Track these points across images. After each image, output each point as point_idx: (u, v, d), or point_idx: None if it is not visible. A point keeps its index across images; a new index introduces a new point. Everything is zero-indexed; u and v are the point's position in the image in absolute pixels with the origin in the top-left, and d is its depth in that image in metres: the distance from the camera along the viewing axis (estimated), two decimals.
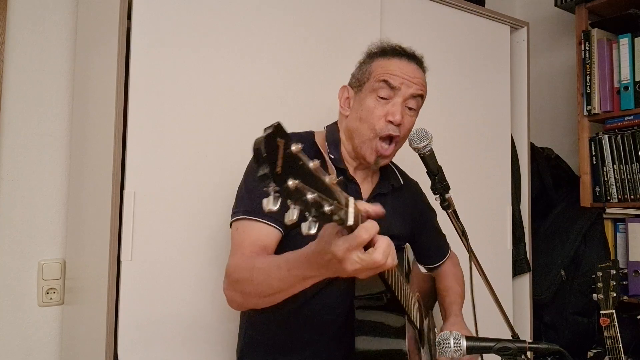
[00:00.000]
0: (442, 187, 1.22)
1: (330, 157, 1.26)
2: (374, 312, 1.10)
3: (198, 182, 1.43)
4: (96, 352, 1.31)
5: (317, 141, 1.28)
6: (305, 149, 1.22)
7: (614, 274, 1.69)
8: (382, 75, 1.22)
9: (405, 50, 1.28)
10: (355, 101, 1.27)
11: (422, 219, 1.45)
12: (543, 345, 1.03)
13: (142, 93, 1.36)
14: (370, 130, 1.22)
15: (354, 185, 1.28)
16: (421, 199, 1.48)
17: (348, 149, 1.28)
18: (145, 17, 1.37)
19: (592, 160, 2.22)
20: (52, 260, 1.58)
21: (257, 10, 1.54)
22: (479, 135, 2.05)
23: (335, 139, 1.29)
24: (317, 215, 0.66)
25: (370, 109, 1.22)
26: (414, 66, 1.26)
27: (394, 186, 1.35)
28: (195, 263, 1.42)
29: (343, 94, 1.31)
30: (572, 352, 1.06)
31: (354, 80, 1.30)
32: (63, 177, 1.61)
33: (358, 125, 1.24)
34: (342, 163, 1.27)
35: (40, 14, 1.60)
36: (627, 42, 2.13)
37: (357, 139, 1.24)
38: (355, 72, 1.31)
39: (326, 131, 1.32)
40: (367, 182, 1.32)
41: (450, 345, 1.00)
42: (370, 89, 1.24)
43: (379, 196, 1.31)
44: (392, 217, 1.33)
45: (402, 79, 1.22)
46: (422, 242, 1.46)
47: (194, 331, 1.42)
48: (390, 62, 1.24)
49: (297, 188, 0.62)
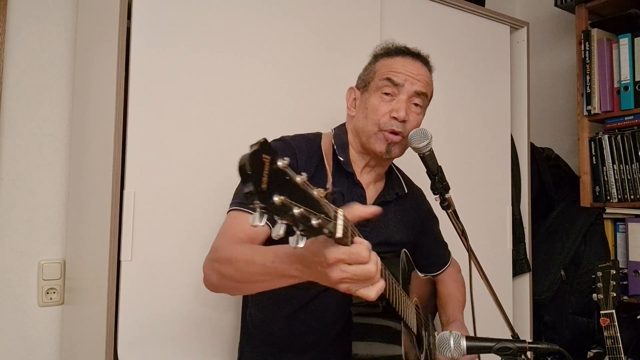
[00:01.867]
0: (442, 187, 1.22)
1: (340, 159, 1.26)
2: (370, 318, 1.10)
3: (198, 182, 1.42)
4: (96, 352, 1.31)
5: (322, 145, 1.28)
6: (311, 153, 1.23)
7: (614, 274, 1.68)
8: (386, 73, 1.23)
9: (410, 49, 1.29)
10: (361, 101, 1.28)
11: (423, 228, 1.45)
12: (543, 345, 1.03)
13: (142, 93, 1.36)
14: (375, 125, 1.23)
15: (359, 189, 1.27)
16: (424, 207, 1.47)
17: (357, 148, 1.29)
18: (145, 17, 1.37)
19: (592, 160, 2.22)
20: (52, 260, 1.58)
21: (257, 10, 1.54)
22: (479, 135, 2.05)
23: (343, 142, 1.29)
24: (304, 229, 0.67)
25: (374, 106, 1.23)
26: (418, 64, 1.27)
27: (398, 194, 1.35)
28: (195, 263, 1.41)
29: (350, 95, 1.32)
30: (572, 352, 1.06)
31: (360, 81, 1.31)
32: (63, 177, 1.61)
33: (364, 123, 1.25)
34: (350, 166, 1.27)
35: (40, 13, 1.60)
36: (627, 42, 2.13)
37: (364, 136, 1.25)
38: (362, 74, 1.33)
39: (334, 133, 1.32)
40: (372, 188, 1.32)
41: (450, 345, 1.00)
42: (374, 87, 1.25)
43: (383, 204, 1.31)
44: (394, 225, 1.33)
45: (405, 75, 1.23)
46: (423, 251, 1.46)
47: (194, 331, 1.42)
48: (394, 60, 1.26)
49: (283, 203, 0.63)
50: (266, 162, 0.62)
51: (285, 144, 1.23)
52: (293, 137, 1.27)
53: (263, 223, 0.63)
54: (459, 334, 1.01)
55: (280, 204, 0.63)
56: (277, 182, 0.63)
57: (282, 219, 0.65)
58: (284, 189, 0.64)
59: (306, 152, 1.24)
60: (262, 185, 0.61)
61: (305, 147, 1.25)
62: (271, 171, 0.63)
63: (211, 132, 1.45)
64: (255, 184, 0.61)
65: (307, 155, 1.23)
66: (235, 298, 1.43)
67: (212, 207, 1.43)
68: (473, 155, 2.03)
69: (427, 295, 1.43)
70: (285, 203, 0.63)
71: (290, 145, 1.23)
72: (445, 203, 1.23)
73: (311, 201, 0.69)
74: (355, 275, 0.80)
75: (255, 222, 0.63)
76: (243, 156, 0.61)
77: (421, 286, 1.39)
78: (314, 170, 1.23)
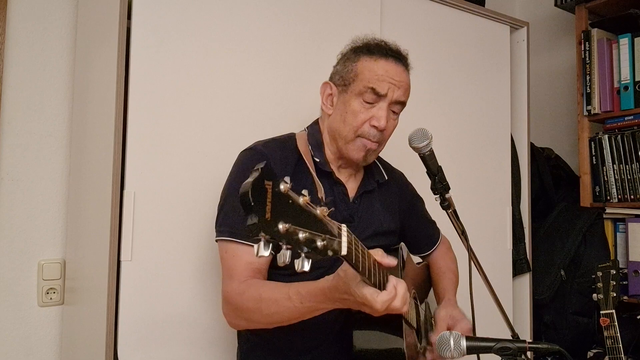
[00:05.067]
0: (442, 187, 1.22)
1: (315, 160, 1.24)
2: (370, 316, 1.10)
3: (198, 182, 1.42)
4: (96, 352, 1.31)
5: (298, 145, 1.26)
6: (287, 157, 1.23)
7: (614, 274, 1.69)
8: (370, 82, 1.19)
9: (392, 49, 1.24)
10: (339, 100, 1.24)
11: (409, 210, 1.44)
12: (543, 345, 1.03)
13: (142, 93, 1.36)
14: (353, 132, 1.20)
15: (340, 187, 1.27)
16: (407, 189, 1.47)
17: (332, 149, 1.27)
18: (145, 17, 1.37)
19: (592, 160, 2.22)
20: (52, 260, 1.58)
21: (257, 10, 1.54)
22: (479, 135, 2.05)
23: (318, 141, 1.27)
24: (309, 252, 0.66)
25: (355, 112, 1.20)
26: (400, 68, 1.23)
27: (379, 182, 1.34)
28: (195, 263, 1.42)
29: (325, 90, 1.27)
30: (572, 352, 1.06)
31: (338, 78, 1.25)
32: (63, 177, 1.61)
33: (341, 127, 1.22)
34: (327, 166, 1.25)
35: (40, 13, 1.60)
36: (627, 42, 2.13)
37: (341, 141, 1.23)
38: (340, 69, 1.26)
39: (307, 132, 1.30)
40: (352, 180, 1.31)
41: (450, 345, 1.00)
42: (356, 91, 1.20)
43: (366, 194, 1.31)
44: (381, 213, 1.33)
45: (389, 84, 1.19)
46: (412, 233, 1.46)
47: (194, 331, 1.42)
48: (377, 65, 1.21)
49: (288, 231, 0.61)
50: (268, 188, 0.60)
51: (258, 154, 1.20)
52: (265, 144, 1.23)
53: (268, 253, 0.62)
54: (459, 334, 1.01)
55: (285, 231, 0.61)
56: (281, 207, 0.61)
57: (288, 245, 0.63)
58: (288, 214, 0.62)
59: (280, 158, 1.20)
60: (266, 215, 0.59)
61: (280, 152, 1.22)
62: (274, 197, 0.61)
63: (211, 132, 1.45)
64: (260, 215, 0.58)
65: (282, 161, 1.20)
66: None
67: (212, 207, 1.42)
68: (473, 155, 2.03)
69: (422, 282, 1.44)
70: (290, 230, 0.61)
71: (264, 154, 1.19)
72: (446, 203, 1.23)
73: (314, 222, 0.67)
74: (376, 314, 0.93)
75: (261, 253, 0.61)
76: (245, 185, 0.59)
77: (416, 275, 1.40)
78: (291, 175, 1.20)
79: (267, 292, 1.07)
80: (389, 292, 0.92)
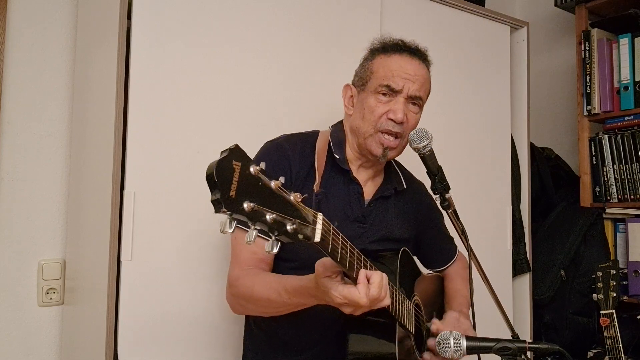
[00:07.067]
0: (442, 187, 1.22)
1: (335, 157, 1.26)
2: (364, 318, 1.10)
3: (198, 182, 1.40)
4: (96, 352, 1.31)
5: (318, 143, 1.28)
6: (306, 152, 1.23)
7: (613, 274, 1.69)
8: (384, 79, 1.22)
9: (407, 45, 1.26)
10: (358, 100, 1.27)
11: (425, 222, 1.43)
12: (543, 345, 1.03)
13: (142, 93, 1.36)
14: (372, 126, 1.22)
15: (356, 186, 1.27)
16: (426, 201, 1.45)
17: (354, 146, 1.28)
18: (145, 17, 1.37)
19: (592, 160, 2.22)
20: (52, 260, 1.58)
21: (257, 10, 1.54)
22: (479, 135, 2.05)
23: (340, 139, 1.30)
24: (279, 235, 0.68)
25: (372, 107, 1.23)
26: (416, 62, 1.24)
27: (396, 189, 1.35)
28: (195, 263, 1.42)
29: (347, 92, 1.31)
30: (572, 352, 1.06)
31: (357, 79, 1.30)
32: (63, 177, 1.61)
33: (360, 124, 1.24)
34: (346, 164, 1.27)
35: (40, 14, 1.60)
36: (627, 42, 2.13)
37: (361, 137, 1.25)
38: (358, 70, 1.31)
39: (331, 131, 1.32)
40: (371, 183, 1.32)
41: (450, 345, 1.00)
42: (372, 88, 1.23)
43: (381, 199, 1.31)
44: (394, 220, 1.33)
45: (404, 80, 1.21)
46: (426, 246, 1.45)
47: (194, 331, 1.42)
48: (392, 60, 1.24)
49: (254, 210, 0.63)
50: (236, 168, 0.62)
51: (277, 146, 1.25)
52: (288, 137, 1.28)
53: (232, 230, 0.65)
54: (459, 334, 1.01)
55: (251, 210, 0.62)
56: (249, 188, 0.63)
57: (256, 225, 0.65)
58: (256, 195, 0.63)
59: (300, 152, 1.25)
60: (230, 193, 0.61)
61: (300, 146, 1.26)
62: (242, 178, 0.62)
63: (211, 132, 1.45)
64: (223, 192, 0.60)
65: (301, 155, 1.24)
66: None
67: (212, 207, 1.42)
68: (473, 155, 2.03)
69: (432, 293, 1.42)
70: (256, 209, 0.63)
71: (284, 146, 1.24)
72: (446, 203, 1.23)
73: (287, 206, 0.69)
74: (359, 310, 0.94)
75: (225, 228, 0.65)
76: (210, 165, 0.61)
77: (425, 284, 1.38)
78: (308, 170, 1.24)
79: (259, 284, 1.12)
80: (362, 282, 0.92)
